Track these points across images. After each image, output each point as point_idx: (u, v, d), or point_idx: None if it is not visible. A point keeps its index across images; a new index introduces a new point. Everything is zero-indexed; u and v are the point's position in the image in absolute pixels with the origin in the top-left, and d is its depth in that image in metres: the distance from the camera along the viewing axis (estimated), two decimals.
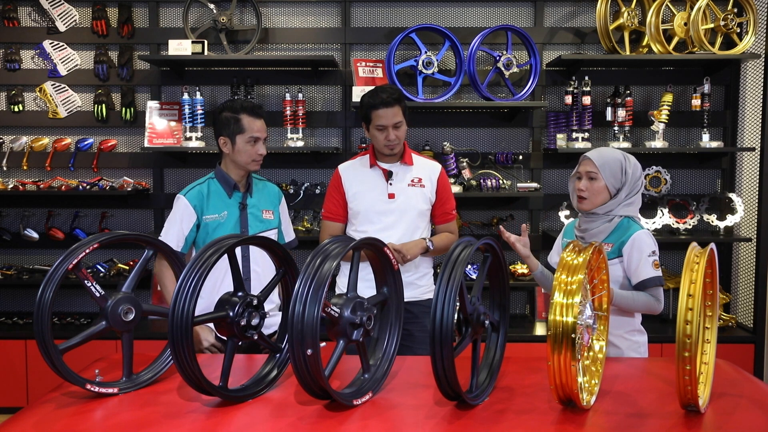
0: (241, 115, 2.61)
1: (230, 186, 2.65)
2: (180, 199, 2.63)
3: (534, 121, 4.27)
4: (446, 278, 1.58)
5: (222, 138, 2.63)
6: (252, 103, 2.68)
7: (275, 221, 2.76)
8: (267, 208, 2.75)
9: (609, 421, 1.59)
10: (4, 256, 4.39)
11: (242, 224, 2.65)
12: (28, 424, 1.61)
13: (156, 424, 1.59)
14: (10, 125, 4.31)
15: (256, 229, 2.67)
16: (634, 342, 2.40)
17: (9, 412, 3.87)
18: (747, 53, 3.98)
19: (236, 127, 2.60)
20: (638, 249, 2.32)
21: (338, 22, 4.27)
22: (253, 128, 2.61)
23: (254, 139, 2.61)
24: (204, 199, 2.63)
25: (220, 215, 2.63)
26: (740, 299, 4.34)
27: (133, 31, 4.26)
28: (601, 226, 2.40)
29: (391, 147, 2.79)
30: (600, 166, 2.37)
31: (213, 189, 2.66)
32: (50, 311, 1.67)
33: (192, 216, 2.61)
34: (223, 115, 2.63)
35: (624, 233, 2.36)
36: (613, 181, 2.38)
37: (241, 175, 2.68)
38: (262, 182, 2.82)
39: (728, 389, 1.78)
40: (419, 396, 1.75)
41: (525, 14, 4.28)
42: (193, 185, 2.67)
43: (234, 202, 2.66)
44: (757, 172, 4.15)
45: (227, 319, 1.73)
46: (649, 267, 2.32)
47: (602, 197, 2.39)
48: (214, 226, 2.60)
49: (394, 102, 2.74)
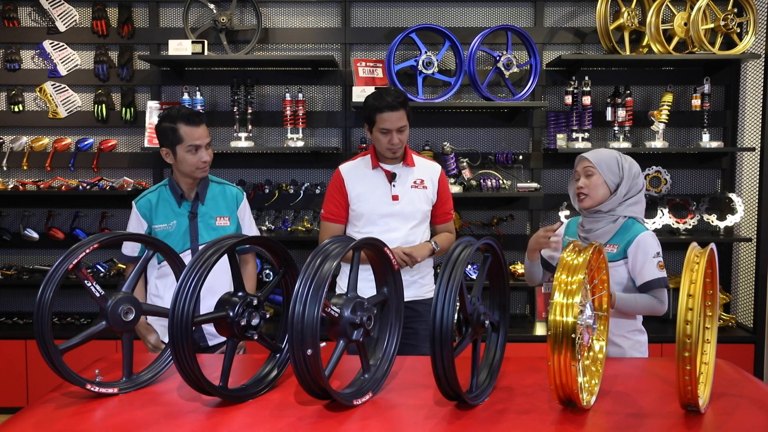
0: (179, 124, 2.53)
1: (178, 195, 2.61)
2: (133, 206, 2.66)
3: (534, 121, 4.27)
4: (446, 278, 1.58)
5: (163, 149, 2.58)
6: (190, 110, 2.62)
7: (232, 227, 2.67)
8: (222, 214, 2.65)
9: (609, 421, 1.59)
10: (4, 256, 4.39)
11: (192, 233, 2.59)
12: (28, 424, 1.61)
13: (156, 424, 1.59)
14: (10, 125, 4.31)
15: (208, 237, 2.58)
16: (636, 341, 2.40)
17: (9, 412, 3.87)
18: (747, 53, 3.98)
19: (174, 138, 2.53)
20: (643, 250, 2.32)
21: (338, 22, 4.27)
22: (192, 136, 2.54)
23: (195, 147, 2.54)
24: (152, 208, 2.61)
25: (169, 225, 2.59)
26: (740, 299, 4.34)
27: (133, 31, 4.26)
28: (606, 227, 2.40)
29: (394, 151, 2.78)
30: (596, 162, 2.39)
31: (163, 197, 2.63)
32: (50, 311, 1.67)
33: (141, 224, 2.62)
34: (162, 126, 2.57)
35: (629, 234, 2.35)
36: (611, 176, 2.38)
37: (189, 184, 2.62)
38: (221, 186, 2.72)
39: (728, 389, 1.78)
40: (419, 396, 1.75)
41: (525, 14, 4.28)
42: (146, 193, 2.66)
43: (183, 211, 2.61)
44: (757, 172, 4.15)
45: (227, 319, 1.73)
46: (653, 268, 2.31)
47: (602, 192, 2.38)
48: (163, 235, 2.53)
49: (400, 106, 2.72)
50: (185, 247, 2.59)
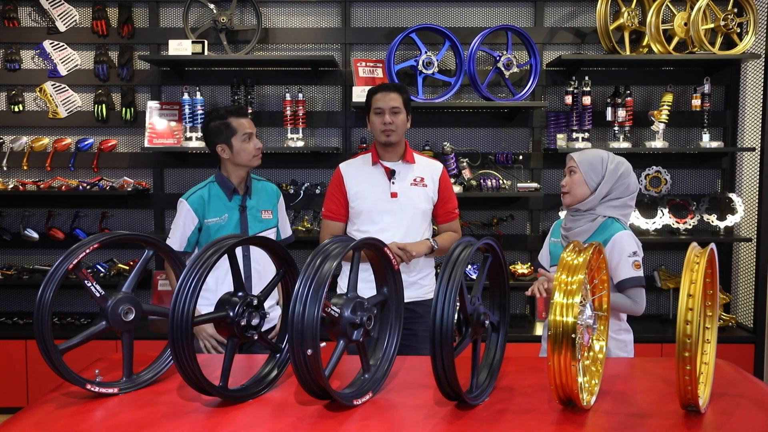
0: (229, 118, 2.73)
1: (230, 190, 2.76)
2: (182, 203, 2.74)
3: (534, 121, 4.27)
4: (446, 278, 1.58)
5: (219, 146, 2.74)
6: (234, 105, 2.82)
7: (274, 220, 2.86)
8: (266, 208, 2.85)
9: (609, 421, 1.59)
10: (4, 256, 4.39)
11: (242, 225, 2.75)
12: (28, 424, 1.61)
13: (156, 424, 1.59)
14: (10, 125, 4.31)
15: (256, 229, 2.77)
16: (621, 341, 2.42)
17: (9, 412, 3.87)
18: (747, 53, 3.99)
19: (228, 131, 2.72)
20: (618, 249, 2.34)
21: (338, 22, 4.27)
22: (243, 126, 2.73)
23: (248, 135, 2.73)
24: (205, 203, 2.73)
25: (221, 218, 2.74)
26: (740, 299, 4.34)
27: (133, 31, 4.26)
28: (585, 225, 2.42)
29: (387, 133, 2.79)
30: (579, 161, 2.43)
31: (214, 193, 2.76)
32: (50, 311, 1.67)
33: (194, 219, 2.72)
34: (211, 126, 2.74)
35: (606, 234, 2.38)
36: (592, 175, 2.40)
37: (241, 177, 2.78)
38: (261, 182, 2.91)
39: (728, 389, 1.78)
40: (419, 396, 1.75)
41: (525, 14, 4.28)
42: (195, 189, 2.78)
43: (234, 205, 2.76)
44: (757, 172, 4.15)
45: (227, 319, 1.73)
46: (628, 267, 2.33)
47: (581, 190, 2.42)
48: (215, 229, 2.72)
49: (393, 89, 2.83)
50: None
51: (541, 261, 2.66)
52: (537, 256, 2.72)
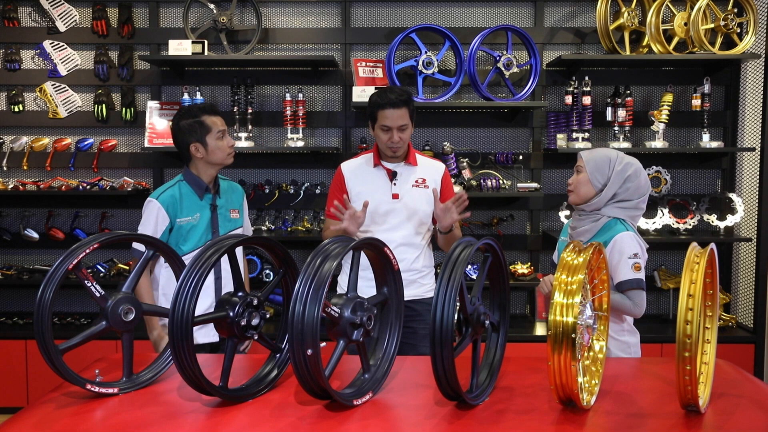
0: (202, 116, 2.66)
1: (202, 189, 2.70)
2: (152, 203, 2.65)
3: (534, 121, 4.27)
4: (446, 278, 1.58)
5: (193, 145, 2.66)
6: (205, 103, 2.77)
7: (241, 220, 2.83)
8: (234, 207, 2.81)
9: (609, 421, 1.59)
10: (4, 256, 4.39)
11: (213, 225, 2.70)
12: (28, 424, 1.61)
13: (156, 424, 1.59)
14: (10, 125, 4.31)
15: (226, 229, 2.74)
16: (623, 342, 2.39)
17: (9, 412, 3.87)
18: (747, 53, 3.98)
19: (202, 129, 2.65)
20: (619, 250, 2.32)
21: (338, 22, 4.27)
22: (217, 124, 2.68)
23: (222, 132, 2.68)
24: (177, 202, 2.66)
25: (193, 217, 2.67)
26: (740, 299, 4.34)
27: (133, 31, 4.26)
28: (588, 225, 2.41)
29: (394, 150, 2.78)
30: (586, 160, 2.43)
31: (185, 192, 2.69)
32: (50, 311, 1.67)
33: (165, 219, 2.64)
34: (183, 124, 2.66)
35: (608, 234, 2.36)
36: (598, 176, 2.39)
37: (212, 176, 2.72)
38: (228, 182, 2.87)
39: (728, 389, 1.78)
40: (419, 396, 1.75)
41: (525, 14, 4.28)
42: (164, 188, 2.70)
43: (206, 204, 2.71)
44: (757, 172, 4.15)
45: (227, 319, 1.73)
46: (627, 269, 2.30)
47: (584, 190, 2.41)
48: (187, 228, 2.65)
49: (402, 104, 2.72)
50: (207, 238, 2.67)
51: (555, 260, 2.64)
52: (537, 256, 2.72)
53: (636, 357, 2.40)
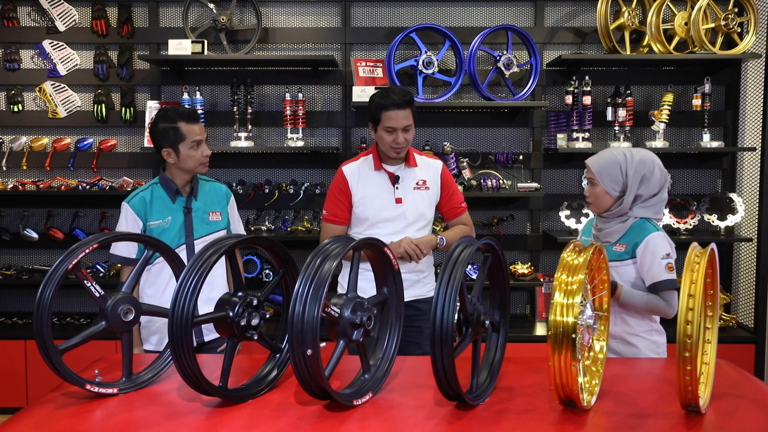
0: (179, 123, 2.59)
1: (173, 191, 2.65)
2: (124, 207, 2.63)
3: (534, 121, 4.27)
4: (446, 278, 1.58)
5: (165, 150, 2.61)
6: (186, 108, 2.68)
7: (223, 222, 2.74)
8: (214, 209, 2.72)
9: (609, 421, 1.58)
10: (4, 256, 4.39)
11: (187, 228, 2.64)
12: (28, 424, 1.61)
13: (156, 424, 1.59)
14: (10, 125, 4.31)
15: (202, 232, 2.66)
16: (653, 342, 2.38)
17: (9, 412, 3.87)
18: (748, 53, 3.98)
19: (176, 136, 2.58)
20: (651, 251, 2.31)
21: (338, 22, 4.27)
22: (193, 133, 2.60)
23: (196, 143, 2.60)
24: (147, 205, 2.62)
25: (164, 221, 2.62)
26: (741, 299, 4.34)
27: (132, 30, 4.26)
28: (615, 227, 2.39)
29: (398, 151, 2.76)
30: (596, 170, 2.37)
31: (156, 195, 2.65)
32: (50, 311, 1.67)
33: (137, 222, 2.61)
34: (159, 126, 2.61)
35: (638, 235, 2.34)
36: (613, 185, 2.35)
37: (185, 180, 2.66)
38: (209, 183, 2.79)
39: (729, 389, 1.78)
40: (419, 396, 1.75)
41: (525, 14, 4.28)
42: (137, 192, 2.67)
43: (178, 207, 2.65)
44: (757, 172, 4.14)
45: (227, 319, 1.72)
46: (662, 269, 2.30)
47: (604, 201, 2.38)
48: (158, 232, 2.59)
49: (406, 104, 2.70)
50: (180, 242, 2.62)
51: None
52: (537, 256, 2.71)
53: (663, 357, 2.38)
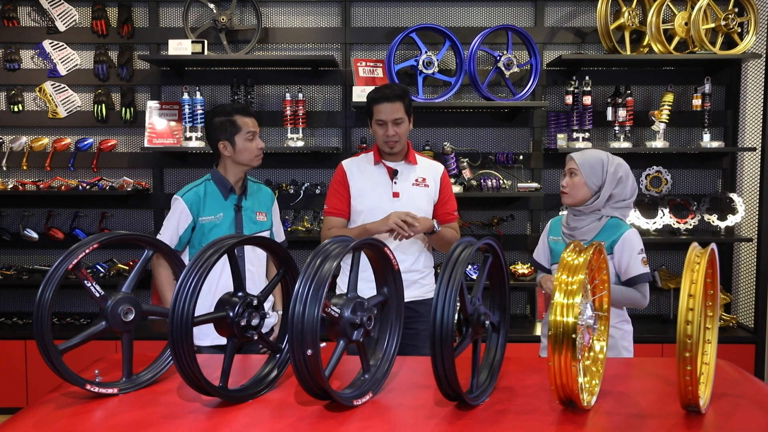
0: (235, 116, 2.70)
1: (227, 188, 2.73)
2: (177, 201, 2.70)
3: (534, 121, 4.27)
4: (446, 278, 1.58)
5: (221, 143, 2.71)
6: (241, 104, 2.77)
7: (268, 223, 2.84)
8: (261, 210, 2.82)
9: (610, 421, 1.58)
10: (4, 256, 4.39)
11: (237, 225, 2.72)
12: (28, 424, 1.60)
13: (156, 424, 1.58)
14: (10, 125, 4.31)
15: (250, 230, 2.75)
16: (625, 331, 2.54)
17: (9, 412, 3.87)
18: (748, 53, 3.98)
19: (233, 128, 2.69)
20: (629, 247, 2.45)
21: (338, 22, 4.27)
22: (248, 125, 2.71)
23: (252, 134, 2.71)
24: (200, 200, 2.70)
25: (216, 217, 2.70)
26: (741, 299, 4.34)
27: (132, 30, 4.26)
28: (591, 225, 2.50)
29: (391, 144, 2.78)
30: (580, 163, 2.50)
31: (210, 191, 2.73)
32: (50, 311, 1.67)
33: (188, 217, 2.68)
34: (216, 121, 2.71)
35: (614, 232, 2.47)
36: (593, 179, 2.48)
37: (239, 177, 2.75)
38: (257, 185, 2.89)
39: (729, 389, 1.78)
40: (419, 396, 1.75)
41: (525, 14, 4.28)
42: (190, 186, 2.74)
43: (230, 204, 2.73)
44: (758, 172, 4.14)
45: (227, 319, 1.72)
46: (639, 264, 2.45)
47: (582, 193, 2.49)
48: (209, 227, 2.68)
49: (396, 98, 2.75)
50: None
51: (539, 260, 2.71)
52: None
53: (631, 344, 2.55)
